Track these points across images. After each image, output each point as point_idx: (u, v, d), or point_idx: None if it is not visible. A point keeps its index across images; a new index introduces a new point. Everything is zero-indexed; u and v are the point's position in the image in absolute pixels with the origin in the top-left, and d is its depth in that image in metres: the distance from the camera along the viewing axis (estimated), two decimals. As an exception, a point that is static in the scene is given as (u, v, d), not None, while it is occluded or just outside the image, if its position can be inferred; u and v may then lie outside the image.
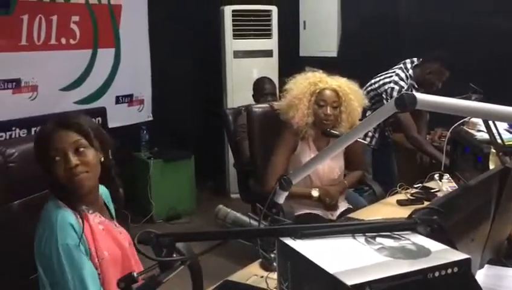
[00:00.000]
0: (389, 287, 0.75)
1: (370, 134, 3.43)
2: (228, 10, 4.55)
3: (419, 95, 1.37)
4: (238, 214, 1.59)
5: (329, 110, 2.44)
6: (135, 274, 0.91)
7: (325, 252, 0.85)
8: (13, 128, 3.56)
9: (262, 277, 1.68)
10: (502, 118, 1.32)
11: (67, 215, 1.41)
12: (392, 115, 3.48)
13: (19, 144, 1.64)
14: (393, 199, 2.48)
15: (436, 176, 2.64)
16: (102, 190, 1.65)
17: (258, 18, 4.65)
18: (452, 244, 0.90)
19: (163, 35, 4.40)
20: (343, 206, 2.61)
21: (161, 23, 4.37)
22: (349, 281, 0.73)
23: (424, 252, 0.84)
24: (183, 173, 4.37)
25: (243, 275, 1.71)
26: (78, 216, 1.43)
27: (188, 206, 4.39)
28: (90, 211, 1.50)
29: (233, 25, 4.57)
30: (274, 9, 4.68)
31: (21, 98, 3.61)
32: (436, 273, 0.78)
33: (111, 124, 3.88)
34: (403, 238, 0.90)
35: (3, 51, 3.45)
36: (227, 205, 1.56)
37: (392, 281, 0.75)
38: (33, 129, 3.64)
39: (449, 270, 0.79)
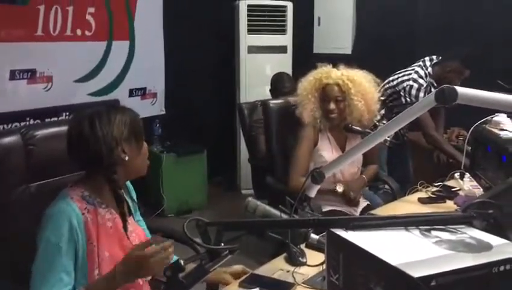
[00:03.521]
0: (455, 281, 0.73)
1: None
2: (243, 5, 4.52)
3: (460, 89, 1.35)
4: (268, 207, 1.57)
5: (331, 105, 2.47)
6: (182, 262, 0.89)
7: (381, 244, 0.83)
8: (27, 119, 3.55)
9: (288, 271, 1.66)
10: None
11: (67, 208, 1.39)
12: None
13: (40, 128, 1.66)
14: (413, 197, 2.46)
15: (457, 175, 2.62)
16: (127, 184, 1.65)
17: (273, 13, 4.62)
18: (508, 239, 0.88)
19: (178, 29, 4.37)
20: (363, 202, 2.59)
21: (176, 17, 4.35)
22: (415, 273, 0.71)
23: (485, 246, 0.81)
24: (195, 168, 4.34)
25: (269, 269, 1.69)
26: (87, 211, 1.41)
27: (199, 201, 4.37)
28: (103, 206, 1.47)
29: (248, 20, 4.54)
30: (289, 5, 4.65)
31: (36, 89, 3.59)
32: (501, 268, 0.76)
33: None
34: (458, 232, 0.88)
35: (20, 41, 3.42)
36: (238, 201, 1.55)
37: (457, 275, 0.73)
38: (46, 120, 3.63)
39: (514, 265, 0.77)
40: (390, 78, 3.34)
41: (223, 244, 0.90)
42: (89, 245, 1.40)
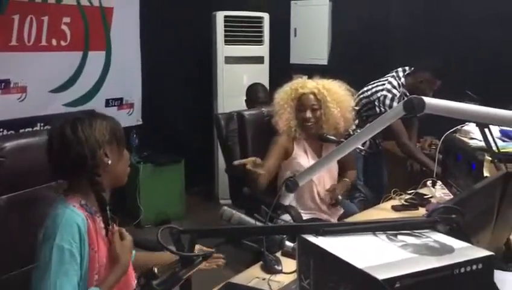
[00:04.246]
0: (417, 282, 0.76)
1: (361, 141, 3.46)
2: (220, 16, 4.56)
3: (428, 99, 1.41)
4: (243, 216, 1.59)
5: (308, 114, 2.54)
6: (156, 270, 0.90)
7: (350, 249, 0.86)
8: (1, 130, 3.51)
9: (264, 279, 1.68)
10: (509, 123, 1.36)
11: (75, 216, 1.40)
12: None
13: (10, 140, 1.64)
14: (387, 205, 2.51)
15: (429, 183, 2.68)
16: None
17: (250, 24, 4.67)
18: (470, 242, 0.92)
19: (155, 39, 4.38)
20: (339, 210, 2.63)
21: (153, 27, 4.36)
22: (381, 276, 0.74)
23: (447, 249, 0.85)
24: (173, 178, 4.34)
25: (244, 278, 1.71)
26: (88, 218, 1.42)
27: (177, 211, 4.36)
28: (98, 215, 1.49)
29: (225, 31, 4.58)
30: (266, 16, 4.71)
31: (10, 99, 3.56)
32: (462, 270, 0.80)
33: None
34: (423, 236, 0.91)
35: (-7, 51, 3.41)
36: (216, 210, 1.56)
37: (421, 276, 0.76)
38: (21, 131, 3.59)
39: (474, 267, 0.81)
40: (365, 89, 3.41)
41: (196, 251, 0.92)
42: (91, 251, 1.42)
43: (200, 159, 4.72)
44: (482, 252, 0.84)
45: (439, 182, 2.62)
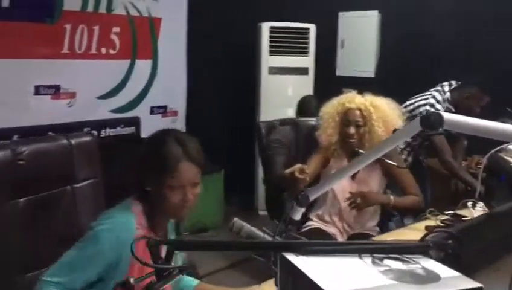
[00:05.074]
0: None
1: (403, 157, 3.33)
2: (266, 26, 4.56)
3: (447, 115, 1.31)
4: (253, 229, 1.55)
5: (351, 130, 2.45)
6: (132, 280, 0.89)
7: (326, 271, 0.81)
8: (50, 134, 3.65)
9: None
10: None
11: (124, 223, 1.39)
12: (426, 138, 3.37)
13: (30, 143, 1.69)
14: (421, 225, 2.38)
15: (469, 204, 2.53)
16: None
17: (296, 35, 4.64)
18: (466, 272, 0.84)
19: (200, 49, 4.45)
20: (356, 228, 2.52)
21: (199, 37, 4.43)
22: (345, 302, 0.69)
23: (432, 278, 0.78)
24: (212, 187, 4.35)
25: (257, 292, 1.67)
26: (141, 226, 1.42)
27: (215, 220, 4.36)
28: (153, 233, 1.48)
29: (271, 42, 4.58)
30: (312, 27, 4.66)
31: (59, 104, 3.70)
32: (443, 302, 0.73)
33: (144, 134, 3.93)
34: (412, 262, 0.84)
35: (46, 58, 3.56)
36: (254, 221, 1.53)
37: (392, 306, 0.70)
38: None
39: (458, 299, 0.74)
40: (407, 103, 3.29)
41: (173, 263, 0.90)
42: (132, 259, 1.42)
43: (241, 169, 4.72)
44: (471, 284, 0.76)
45: (480, 203, 2.46)
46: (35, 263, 1.57)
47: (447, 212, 2.48)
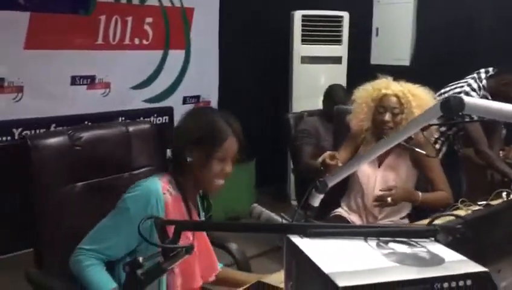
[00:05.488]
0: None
1: (437, 146, 3.25)
2: (298, 15, 4.51)
3: (467, 98, 1.27)
4: (272, 214, 1.56)
5: (387, 117, 2.34)
6: (141, 259, 0.90)
7: (328, 253, 0.80)
8: (86, 122, 3.76)
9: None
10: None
11: (152, 190, 1.46)
12: (461, 127, 3.26)
13: (87, 130, 1.74)
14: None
15: (504, 194, 2.45)
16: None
17: (329, 24, 4.57)
18: (477, 258, 0.81)
19: (232, 39, 4.45)
20: (391, 217, 2.45)
21: (231, 27, 4.43)
22: (341, 283, 0.68)
23: (436, 261, 0.76)
24: (244, 176, 4.37)
25: (277, 278, 1.67)
26: (169, 192, 1.49)
27: (246, 209, 4.31)
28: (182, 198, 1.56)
29: (303, 30, 4.53)
30: (345, 15, 4.58)
31: (95, 94, 3.81)
32: (445, 285, 0.71)
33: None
34: (418, 246, 0.82)
35: (81, 49, 3.66)
36: (286, 210, 1.54)
37: (388, 288, 0.69)
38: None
39: (461, 283, 0.71)
40: (442, 91, 3.20)
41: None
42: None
43: (274, 159, 4.72)
44: (476, 267, 0.74)
45: (514, 194, 2.38)
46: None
47: (479, 203, 2.41)
